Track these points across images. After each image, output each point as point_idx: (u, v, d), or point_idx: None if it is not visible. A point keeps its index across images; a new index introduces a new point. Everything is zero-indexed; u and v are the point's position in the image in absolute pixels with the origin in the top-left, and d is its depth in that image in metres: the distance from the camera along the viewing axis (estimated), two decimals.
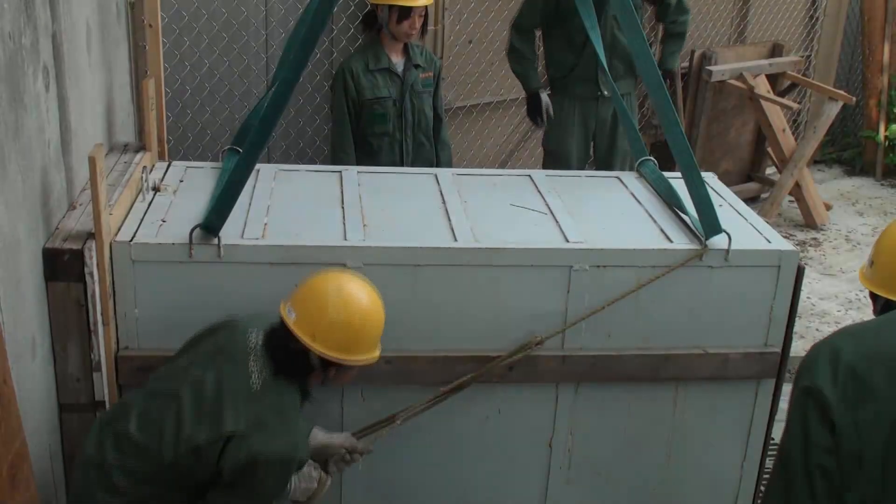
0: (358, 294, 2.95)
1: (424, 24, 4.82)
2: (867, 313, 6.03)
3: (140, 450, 2.83)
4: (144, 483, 2.84)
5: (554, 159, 5.73)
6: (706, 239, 3.44)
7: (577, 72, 5.47)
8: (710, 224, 3.43)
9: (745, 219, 3.78)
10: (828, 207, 7.79)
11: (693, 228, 3.57)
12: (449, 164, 5.13)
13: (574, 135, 5.64)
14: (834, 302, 6.23)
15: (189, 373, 2.91)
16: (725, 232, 3.42)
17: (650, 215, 3.74)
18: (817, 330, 5.85)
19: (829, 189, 8.38)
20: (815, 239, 7.36)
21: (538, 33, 5.62)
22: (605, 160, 5.68)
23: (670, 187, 3.86)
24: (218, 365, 2.91)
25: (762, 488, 3.80)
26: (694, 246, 3.45)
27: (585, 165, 5.81)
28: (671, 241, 3.50)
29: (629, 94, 5.58)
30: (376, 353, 3.01)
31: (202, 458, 2.81)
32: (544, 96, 5.55)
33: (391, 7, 4.67)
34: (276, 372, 2.91)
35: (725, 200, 3.94)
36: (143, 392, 2.96)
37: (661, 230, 3.60)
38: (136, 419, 2.86)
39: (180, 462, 2.81)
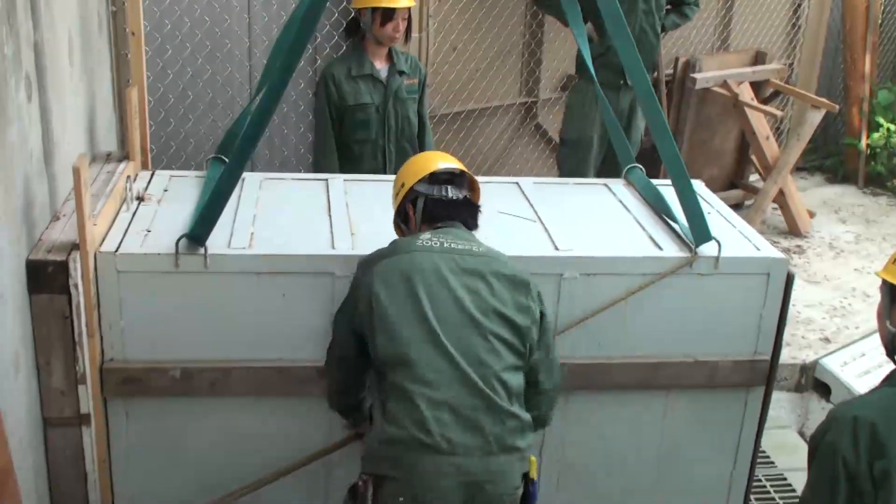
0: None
1: (409, 29, 4.79)
2: (852, 321, 6.05)
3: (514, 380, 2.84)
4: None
5: (572, 149, 5.81)
6: (696, 246, 3.43)
7: (603, 58, 5.32)
8: (701, 232, 3.42)
9: (734, 226, 3.77)
10: (811, 215, 7.81)
11: (682, 236, 3.55)
12: None
13: (596, 124, 5.69)
14: (819, 309, 6.23)
15: (447, 311, 2.83)
16: (715, 239, 3.41)
17: (639, 223, 3.73)
18: (803, 337, 5.85)
19: (811, 197, 8.41)
20: (798, 246, 7.37)
21: None
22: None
23: (658, 194, 3.85)
24: (450, 282, 2.86)
25: (751, 497, 3.80)
26: (684, 254, 3.44)
27: (602, 157, 5.87)
28: (661, 249, 3.48)
29: None
30: None
31: (532, 316, 2.93)
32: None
33: (374, 10, 4.63)
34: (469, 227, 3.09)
35: (714, 208, 3.93)
36: (412, 373, 2.77)
37: (651, 238, 3.58)
38: (459, 387, 2.76)
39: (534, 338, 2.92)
